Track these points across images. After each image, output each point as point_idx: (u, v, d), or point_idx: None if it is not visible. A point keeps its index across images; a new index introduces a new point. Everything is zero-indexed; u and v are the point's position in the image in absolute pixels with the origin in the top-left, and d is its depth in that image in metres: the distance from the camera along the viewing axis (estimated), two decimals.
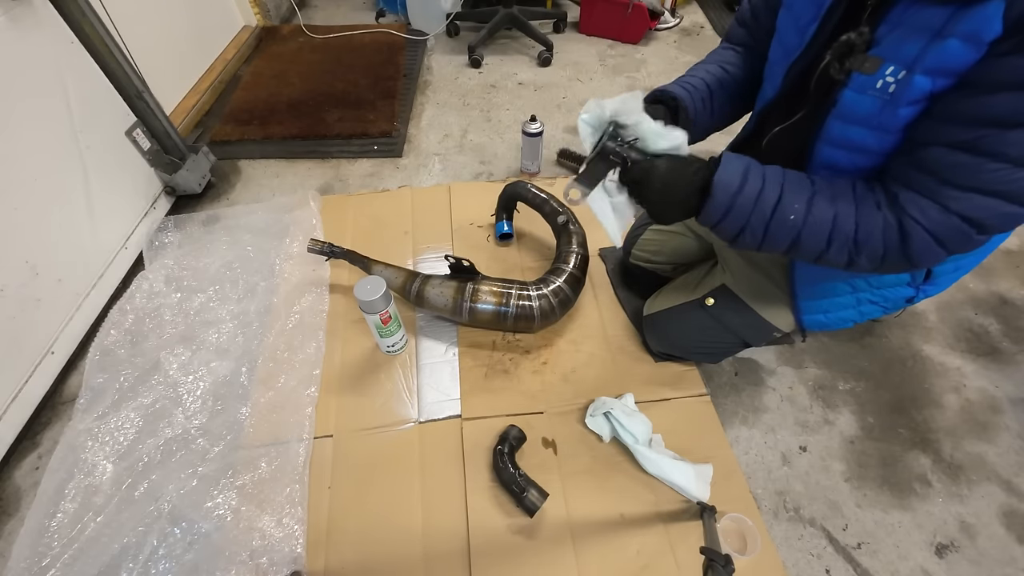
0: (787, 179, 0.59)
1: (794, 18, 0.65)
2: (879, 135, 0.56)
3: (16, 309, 0.94)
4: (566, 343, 1.05)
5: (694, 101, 0.74)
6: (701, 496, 0.82)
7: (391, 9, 2.25)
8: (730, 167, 0.59)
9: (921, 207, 0.52)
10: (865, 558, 0.81)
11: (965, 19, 0.47)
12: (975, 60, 0.48)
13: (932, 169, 0.52)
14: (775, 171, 0.60)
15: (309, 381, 0.98)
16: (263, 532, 0.81)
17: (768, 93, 0.72)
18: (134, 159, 1.25)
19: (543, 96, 1.80)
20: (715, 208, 0.59)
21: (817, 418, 0.97)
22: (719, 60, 0.79)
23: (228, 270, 1.19)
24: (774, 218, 0.58)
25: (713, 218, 0.60)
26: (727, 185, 0.58)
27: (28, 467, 0.93)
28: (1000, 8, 0.45)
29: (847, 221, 0.56)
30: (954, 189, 0.50)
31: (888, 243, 0.55)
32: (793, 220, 0.57)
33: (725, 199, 0.58)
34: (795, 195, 0.58)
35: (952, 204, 0.50)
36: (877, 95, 0.54)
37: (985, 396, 1.00)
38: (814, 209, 0.57)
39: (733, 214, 0.59)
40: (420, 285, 1.01)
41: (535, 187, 1.15)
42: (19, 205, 0.96)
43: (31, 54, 0.99)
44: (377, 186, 1.45)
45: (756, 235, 0.60)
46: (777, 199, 0.58)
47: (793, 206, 0.57)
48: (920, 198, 0.53)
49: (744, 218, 0.59)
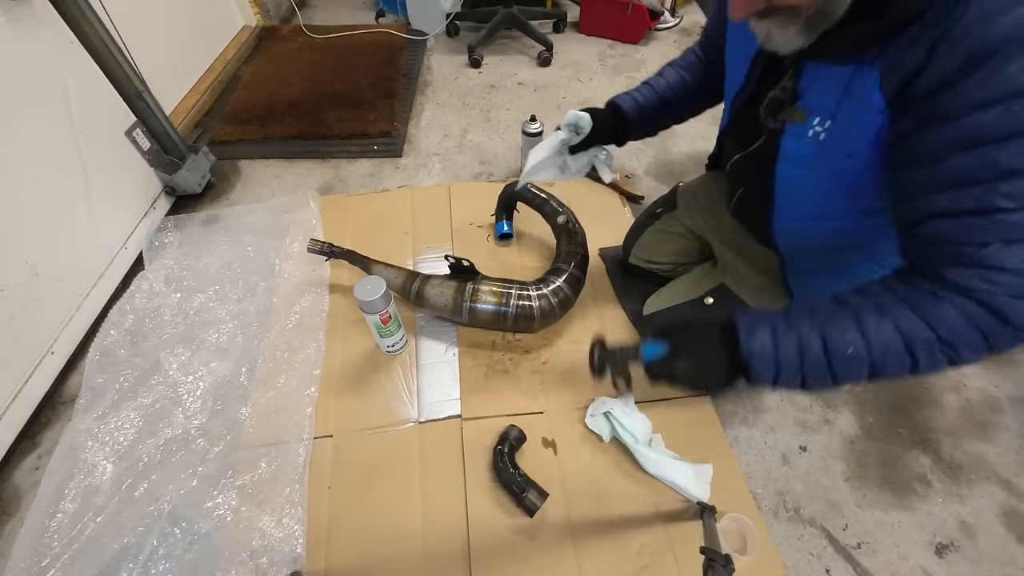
0: (818, 316, 0.53)
1: (732, 56, 0.69)
2: (830, 179, 0.57)
3: (16, 309, 0.94)
4: (566, 343, 1.05)
5: (641, 113, 0.84)
6: (701, 496, 0.82)
7: (391, 9, 2.25)
8: (754, 333, 0.53)
9: (981, 275, 0.47)
10: (865, 558, 0.81)
11: (859, 81, 0.50)
12: (885, 123, 0.50)
13: (959, 240, 0.47)
14: (800, 312, 0.54)
15: (309, 381, 0.98)
16: (263, 532, 0.81)
17: (724, 120, 0.76)
18: (134, 159, 1.25)
19: (543, 96, 1.80)
20: (762, 376, 0.53)
21: (817, 418, 0.97)
22: (683, 67, 0.86)
23: (228, 270, 1.18)
24: (832, 360, 0.51)
25: (767, 382, 0.54)
26: (760, 353, 0.53)
27: (28, 467, 0.93)
28: (876, 82, 0.48)
29: (916, 326, 0.49)
30: (993, 246, 0.46)
31: (984, 327, 0.47)
32: (854, 353, 0.50)
33: (766, 366, 0.53)
34: (839, 328, 0.51)
35: (1007, 262, 0.45)
36: (810, 143, 0.57)
37: (985, 396, 1.00)
38: (870, 333, 0.50)
39: (784, 374, 0.53)
40: (420, 285, 1.01)
41: (535, 187, 1.15)
42: (19, 205, 0.96)
43: (31, 54, 0.99)
44: (377, 186, 1.45)
45: (825, 380, 0.52)
46: (822, 342, 0.51)
47: (845, 339, 0.51)
48: (970, 270, 0.47)
49: (797, 372, 0.52)
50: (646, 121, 0.86)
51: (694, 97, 0.86)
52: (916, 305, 0.50)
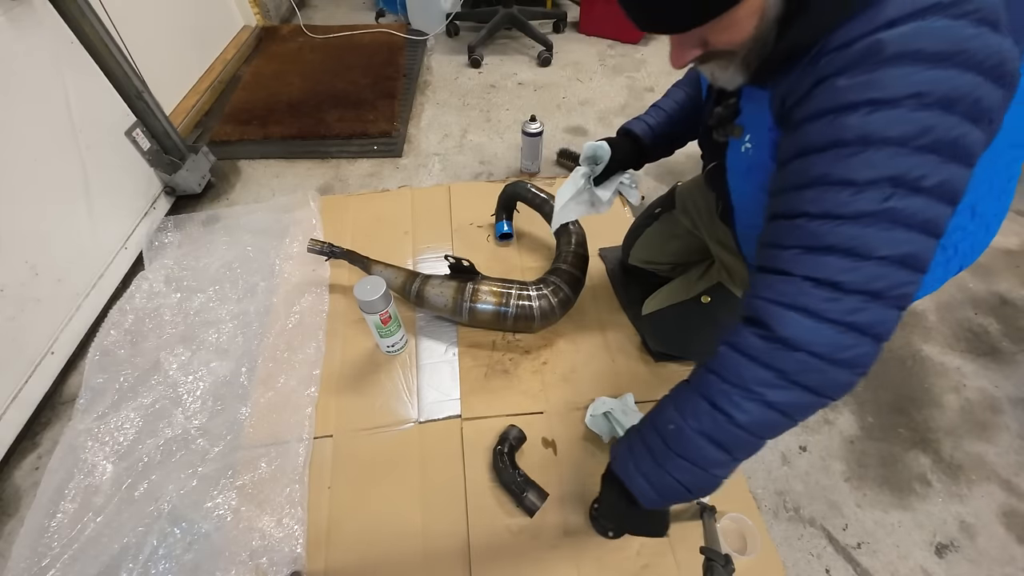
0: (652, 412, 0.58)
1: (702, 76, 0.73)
2: (762, 192, 0.59)
3: (16, 309, 0.94)
4: (566, 343, 1.05)
5: (654, 136, 0.86)
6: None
7: (391, 9, 2.25)
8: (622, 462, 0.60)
9: (765, 281, 0.49)
10: (865, 558, 0.81)
11: (768, 101, 0.54)
12: (770, 144, 0.55)
13: (772, 241, 0.50)
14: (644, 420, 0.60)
15: (309, 381, 0.98)
16: (263, 532, 0.81)
17: (700, 135, 0.80)
18: (134, 159, 1.25)
19: (543, 96, 1.80)
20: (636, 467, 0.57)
21: (817, 418, 0.97)
22: (688, 84, 0.87)
23: (228, 270, 1.18)
24: (671, 445, 0.54)
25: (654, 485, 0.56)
26: (621, 458, 0.60)
27: (28, 467, 0.93)
28: (767, 99, 0.53)
29: (706, 378, 0.52)
30: (785, 250, 0.48)
31: (753, 350, 0.48)
32: (674, 429, 0.53)
33: (629, 468, 0.58)
34: (661, 411, 0.56)
35: (795, 268, 0.47)
36: (744, 157, 0.61)
37: (985, 396, 1.00)
38: (680, 402, 0.54)
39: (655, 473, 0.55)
40: (420, 285, 1.01)
41: (535, 187, 1.15)
42: (19, 205, 0.96)
43: (31, 54, 0.98)
44: (377, 186, 1.45)
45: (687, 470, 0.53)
46: (657, 434, 0.56)
47: (665, 417, 0.55)
48: (764, 276, 0.49)
49: (662, 462, 0.55)
50: (661, 142, 0.88)
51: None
52: (708, 362, 0.53)
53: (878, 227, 0.43)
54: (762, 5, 0.46)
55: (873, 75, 0.42)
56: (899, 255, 0.43)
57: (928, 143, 0.41)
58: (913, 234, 0.43)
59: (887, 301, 0.45)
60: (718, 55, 0.53)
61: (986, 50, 0.40)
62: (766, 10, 0.47)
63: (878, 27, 0.42)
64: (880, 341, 0.46)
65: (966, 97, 0.41)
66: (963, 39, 0.40)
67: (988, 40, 0.40)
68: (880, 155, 0.42)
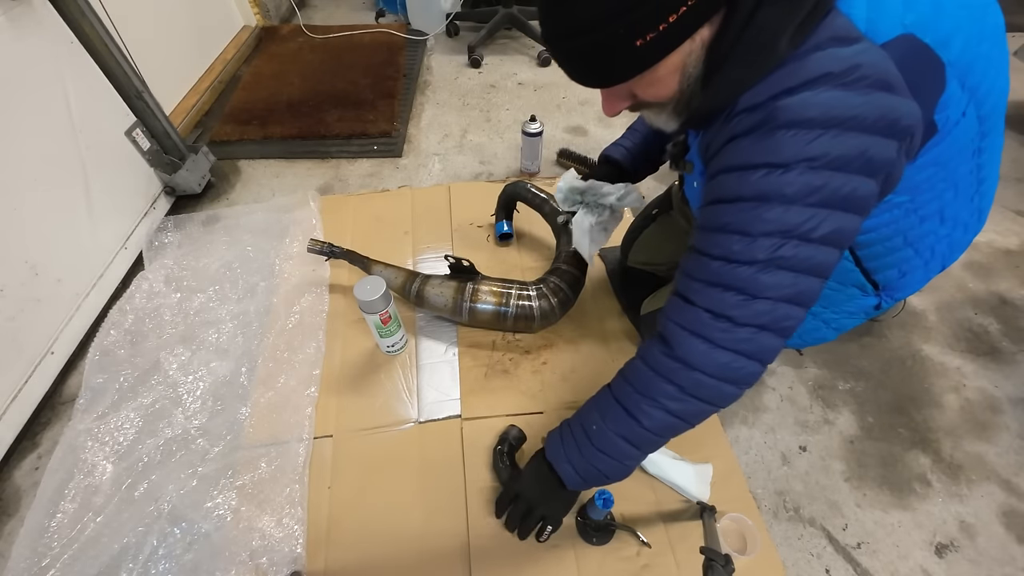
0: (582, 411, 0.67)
1: None
2: None
3: (16, 309, 0.94)
4: (566, 343, 1.05)
5: (632, 159, 0.91)
6: (701, 496, 0.82)
7: (391, 9, 2.25)
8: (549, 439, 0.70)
9: (673, 304, 0.56)
10: (865, 558, 0.81)
11: (699, 147, 0.58)
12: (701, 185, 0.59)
13: (684, 270, 0.56)
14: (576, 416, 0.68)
15: (309, 381, 0.98)
16: (263, 532, 0.81)
17: None
18: (134, 159, 1.25)
19: (543, 96, 1.80)
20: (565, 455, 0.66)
21: (817, 418, 0.97)
22: None
23: (228, 270, 1.18)
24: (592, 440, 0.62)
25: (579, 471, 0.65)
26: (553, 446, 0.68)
27: (28, 467, 0.92)
28: (696, 145, 0.59)
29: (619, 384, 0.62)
30: (694, 281, 0.54)
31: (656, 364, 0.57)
32: (597, 428, 0.62)
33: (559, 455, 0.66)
34: (587, 411, 0.65)
35: (697, 299, 0.53)
36: (697, 190, 0.66)
37: (985, 396, 1.00)
38: (600, 402, 0.63)
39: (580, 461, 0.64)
40: (420, 285, 1.01)
41: (535, 187, 1.15)
42: (18, 205, 0.96)
43: (31, 54, 0.98)
44: (377, 186, 1.45)
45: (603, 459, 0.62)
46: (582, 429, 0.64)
47: (590, 418, 0.63)
48: (674, 299, 0.57)
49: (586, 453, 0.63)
50: (641, 163, 0.92)
51: None
52: (625, 371, 0.61)
53: (767, 272, 0.49)
54: (682, 64, 0.50)
55: (770, 140, 0.46)
56: (785, 296, 0.49)
57: (819, 200, 0.46)
58: (800, 277, 0.49)
59: (773, 332, 0.51)
60: (647, 105, 0.57)
61: (876, 112, 0.44)
62: (687, 69, 0.50)
63: (777, 94, 0.46)
64: (765, 364, 0.53)
65: (858, 157, 0.45)
66: (852, 107, 0.44)
67: (880, 103, 0.44)
68: (774, 211, 0.47)
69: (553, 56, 0.54)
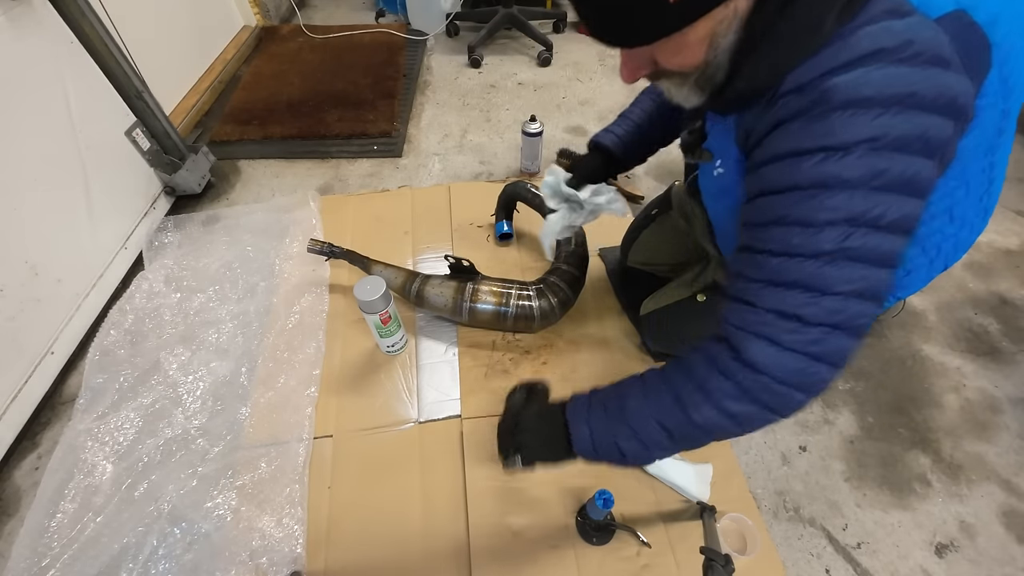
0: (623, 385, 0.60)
1: None
2: (737, 213, 0.60)
3: (16, 309, 0.94)
4: (566, 343, 1.05)
5: (624, 147, 0.87)
6: (701, 496, 0.82)
7: (391, 9, 2.25)
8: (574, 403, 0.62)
9: (735, 310, 0.51)
10: (865, 558, 0.81)
11: (734, 130, 0.55)
12: (739, 174, 0.55)
13: (740, 272, 0.52)
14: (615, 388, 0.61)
15: (309, 381, 0.98)
16: (263, 532, 0.81)
17: None
18: (134, 159, 1.25)
19: (543, 96, 1.80)
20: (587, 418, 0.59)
21: (817, 418, 0.97)
22: (657, 92, 0.86)
23: (228, 270, 1.18)
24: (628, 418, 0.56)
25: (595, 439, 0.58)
26: (578, 403, 0.61)
27: (28, 467, 0.93)
28: (734, 132, 0.54)
29: (676, 372, 0.54)
30: (752, 283, 0.49)
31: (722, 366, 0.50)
32: (635, 405, 0.55)
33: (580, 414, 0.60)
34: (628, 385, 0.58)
35: (760, 301, 0.48)
36: (717, 180, 0.63)
37: (985, 396, 1.00)
38: (649, 382, 0.56)
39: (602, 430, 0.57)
40: (420, 285, 1.01)
41: (535, 187, 1.15)
42: (18, 205, 0.96)
43: (31, 54, 0.98)
44: (377, 186, 1.45)
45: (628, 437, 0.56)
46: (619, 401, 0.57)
47: (632, 404, 0.56)
48: (735, 304, 0.51)
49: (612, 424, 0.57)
50: (631, 151, 0.89)
51: (672, 118, 0.86)
52: (682, 361, 0.55)
53: (836, 265, 0.45)
54: (712, 33, 0.47)
55: (824, 122, 0.43)
56: (857, 289, 0.45)
57: (883, 183, 0.43)
58: (870, 269, 0.45)
59: (846, 331, 0.46)
60: (669, 74, 0.53)
61: (935, 90, 0.42)
62: (716, 39, 0.47)
63: (827, 72, 0.43)
64: (837, 368, 0.48)
65: (919, 137, 0.42)
66: (910, 84, 0.41)
67: (937, 80, 0.42)
68: (836, 198, 0.43)
69: (577, 7, 0.49)
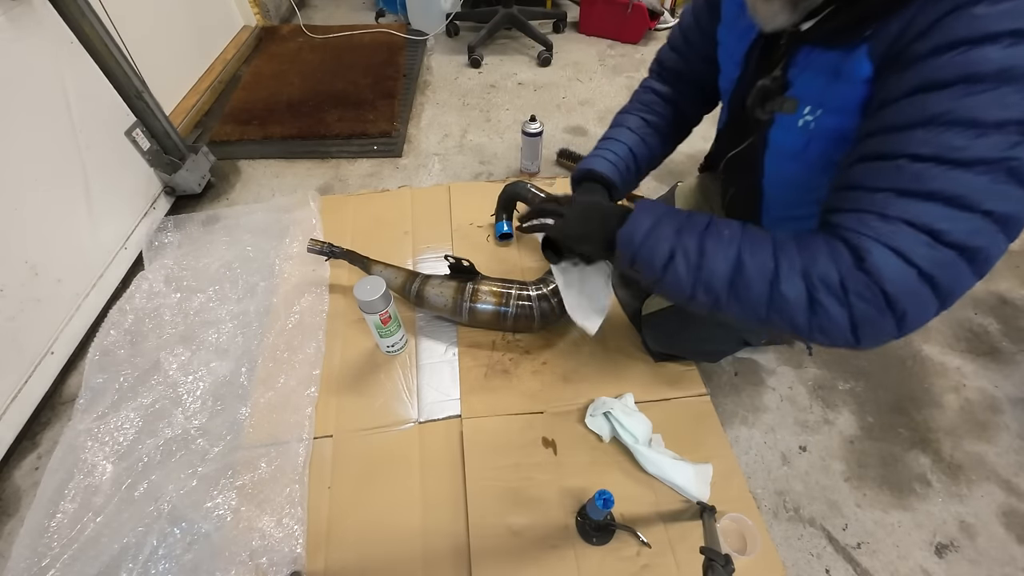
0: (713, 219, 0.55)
1: (728, 53, 0.68)
2: (820, 171, 0.57)
3: (16, 309, 0.94)
4: (566, 343, 1.05)
5: (620, 172, 0.78)
6: (701, 496, 0.82)
7: (391, 9, 2.25)
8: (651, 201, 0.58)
9: (860, 219, 0.45)
10: (865, 558, 0.81)
11: (849, 61, 0.49)
12: (864, 97, 0.49)
13: (856, 184, 0.47)
14: None
15: (309, 381, 0.98)
16: (263, 532, 0.81)
17: (722, 119, 0.75)
18: (134, 159, 1.25)
19: (543, 96, 1.80)
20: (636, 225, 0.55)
21: (817, 418, 0.97)
22: (643, 108, 0.83)
23: (228, 270, 1.18)
24: (706, 239, 0.52)
25: (650, 235, 0.54)
26: (652, 203, 0.57)
27: (28, 467, 0.93)
28: (865, 49, 0.48)
29: (787, 241, 0.49)
30: (879, 192, 0.44)
31: (840, 264, 0.45)
32: (730, 235, 0.51)
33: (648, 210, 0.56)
34: (726, 223, 0.53)
35: (889, 210, 0.43)
36: (800, 132, 0.56)
37: (985, 396, 1.00)
38: (749, 230, 0.52)
39: (663, 231, 0.53)
40: (420, 285, 1.01)
41: (535, 187, 1.15)
42: (18, 205, 0.96)
43: (30, 54, 0.98)
44: (377, 186, 1.45)
45: (690, 254, 0.52)
46: (707, 222, 0.53)
47: (724, 232, 0.52)
48: (855, 214, 0.46)
49: (680, 231, 0.52)
50: (630, 177, 0.83)
51: (664, 137, 0.83)
52: (799, 234, 0.50)
53: (992, 177, 0.38)
54: None
55: (1019, 1, 0.37)
56: (1005, 213, 0.39)
57: None
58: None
59: (973, 264, 0.41)
60: None
61: None
62: None
63: None
64: (944, 307, 0.43)
65: None
66: None
67: None
68: (1018, 95, 0.37)
69: None
